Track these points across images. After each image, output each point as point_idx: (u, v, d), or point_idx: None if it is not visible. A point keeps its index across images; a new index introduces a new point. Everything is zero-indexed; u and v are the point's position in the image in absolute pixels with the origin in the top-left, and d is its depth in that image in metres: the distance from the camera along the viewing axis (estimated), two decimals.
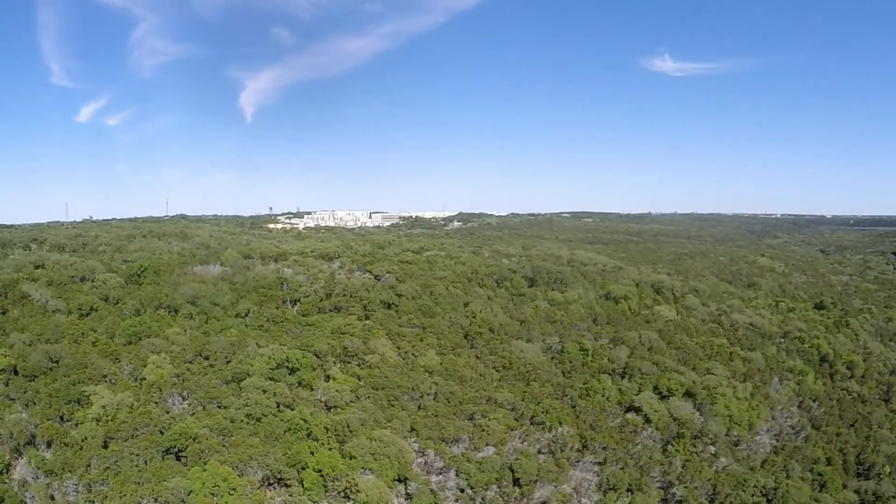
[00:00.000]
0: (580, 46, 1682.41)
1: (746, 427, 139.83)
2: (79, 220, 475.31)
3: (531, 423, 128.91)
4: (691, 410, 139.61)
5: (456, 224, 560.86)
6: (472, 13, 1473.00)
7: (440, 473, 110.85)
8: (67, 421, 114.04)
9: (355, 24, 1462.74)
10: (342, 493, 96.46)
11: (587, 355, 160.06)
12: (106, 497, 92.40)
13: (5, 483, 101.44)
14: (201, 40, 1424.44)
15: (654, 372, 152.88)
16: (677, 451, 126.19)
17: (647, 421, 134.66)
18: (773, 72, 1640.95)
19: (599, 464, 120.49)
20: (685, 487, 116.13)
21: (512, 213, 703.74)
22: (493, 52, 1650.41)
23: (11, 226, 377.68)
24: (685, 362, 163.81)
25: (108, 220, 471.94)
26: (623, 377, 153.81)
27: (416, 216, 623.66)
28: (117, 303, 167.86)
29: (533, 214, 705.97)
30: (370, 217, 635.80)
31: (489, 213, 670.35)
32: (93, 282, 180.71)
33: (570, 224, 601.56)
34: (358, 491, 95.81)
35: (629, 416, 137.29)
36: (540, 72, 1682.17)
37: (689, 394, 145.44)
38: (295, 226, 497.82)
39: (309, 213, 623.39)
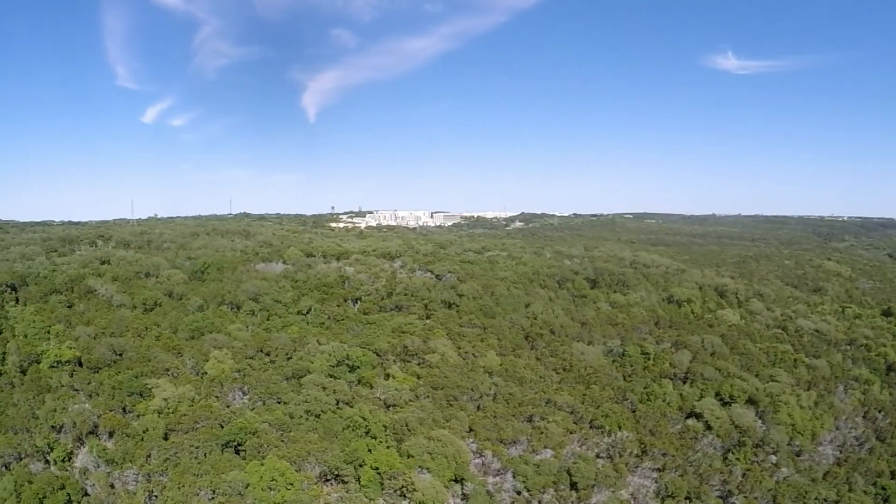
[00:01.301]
0: (641, 45, 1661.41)
1: (809, 437, 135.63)
2: (144, 217, 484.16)
3: (590, 427, 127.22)
4: (753, 418, 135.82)
5: (518, 224, 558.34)
6: (533, 12, 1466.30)
7: (497, 475, 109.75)
8: (129, 412, 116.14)
9: (416, 25, 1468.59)
10: (398, 492, 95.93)
11: (649, 359, 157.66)
12: (165, 487, 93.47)
13: (67, 471, 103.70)
14: (263, 42, 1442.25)
15: (717, 377, 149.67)
16: (738, 459, 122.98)
17: (708, 428, 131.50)
18: (840, 69, 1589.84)
19: (658, 470, 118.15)
20: (745, 497, 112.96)
21: (574, 214, 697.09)
22: (554, 52, 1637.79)
23: (79, 222, 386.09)
24: (748, 368, 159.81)
25: (172, 217, 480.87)
26: (685, 382, 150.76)
27: (478, 216, 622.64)
28: (181, 298, 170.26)
29: (595, 215, 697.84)
30: (432, 216, 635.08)
31: (551, 213, 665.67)
32: (157, 278, 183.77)
33: (633, 225, 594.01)
34: (414, 490, 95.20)
35: (690, 422, 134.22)
36: (601, 71, 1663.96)
37: (751, 401, 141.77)
38: (357, 225, 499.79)
39: (371, 213, 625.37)
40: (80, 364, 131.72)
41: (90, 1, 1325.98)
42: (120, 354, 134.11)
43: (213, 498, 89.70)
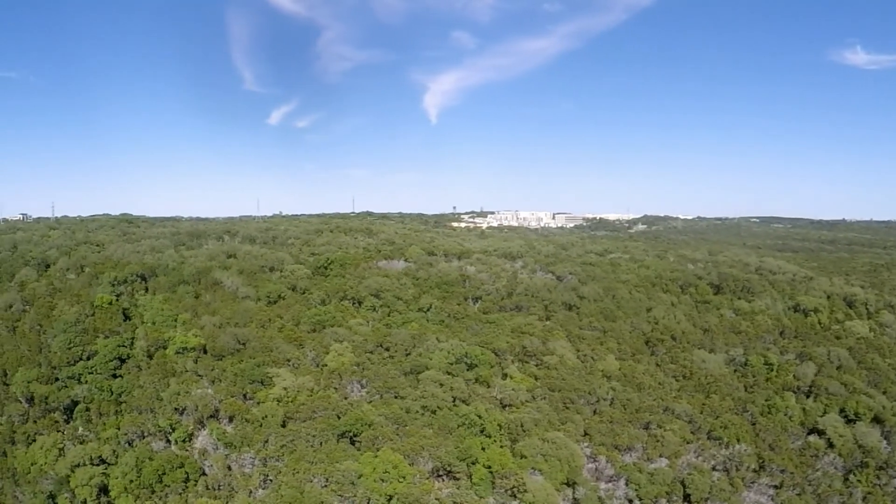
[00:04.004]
0: (764, 41, 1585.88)
1: None
2: (269, 214, 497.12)
3: (708, 438, 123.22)
4: (878, 438, 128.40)
5: (640, 227, 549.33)
6: (653, 10, 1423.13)
7: (610, 481, 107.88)
8: (250, 399, 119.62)
9: (535, 25, 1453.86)
10: (509, 492, 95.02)
11: (771, 370, 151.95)
12: (280, 472, 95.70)
13: (187, 451, 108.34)
14: (384, 46, 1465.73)
15: (842, 393, 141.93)
16: (859, 481, 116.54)
17: (830, 445, 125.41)
18: None
19: (775, 487, 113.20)
20: None
21: (698, 217, 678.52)
22: (675, 50, 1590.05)
23: (206, 218, 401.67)
24: (875, 384, 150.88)
25: (296, 215, 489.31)
26: (808, 396, 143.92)
27: (600, 217, 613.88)
28: (304, 292, 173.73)
29: (720, 219, 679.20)
30: (553, 218, 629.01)
31: (674, 215, 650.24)
32: (281, 272, 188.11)
33: (759, 229, 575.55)
34: (525, 491, 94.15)
35: (811, 438, 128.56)
36: (723, 68, 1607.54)
37: (877, 419, 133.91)
38: (478, 225, 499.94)
39: (492, 213, 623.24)
40: (205, 351, 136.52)
41: (217, 11, 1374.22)
42: (243, 344, 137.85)
43: (326, 485, 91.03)
